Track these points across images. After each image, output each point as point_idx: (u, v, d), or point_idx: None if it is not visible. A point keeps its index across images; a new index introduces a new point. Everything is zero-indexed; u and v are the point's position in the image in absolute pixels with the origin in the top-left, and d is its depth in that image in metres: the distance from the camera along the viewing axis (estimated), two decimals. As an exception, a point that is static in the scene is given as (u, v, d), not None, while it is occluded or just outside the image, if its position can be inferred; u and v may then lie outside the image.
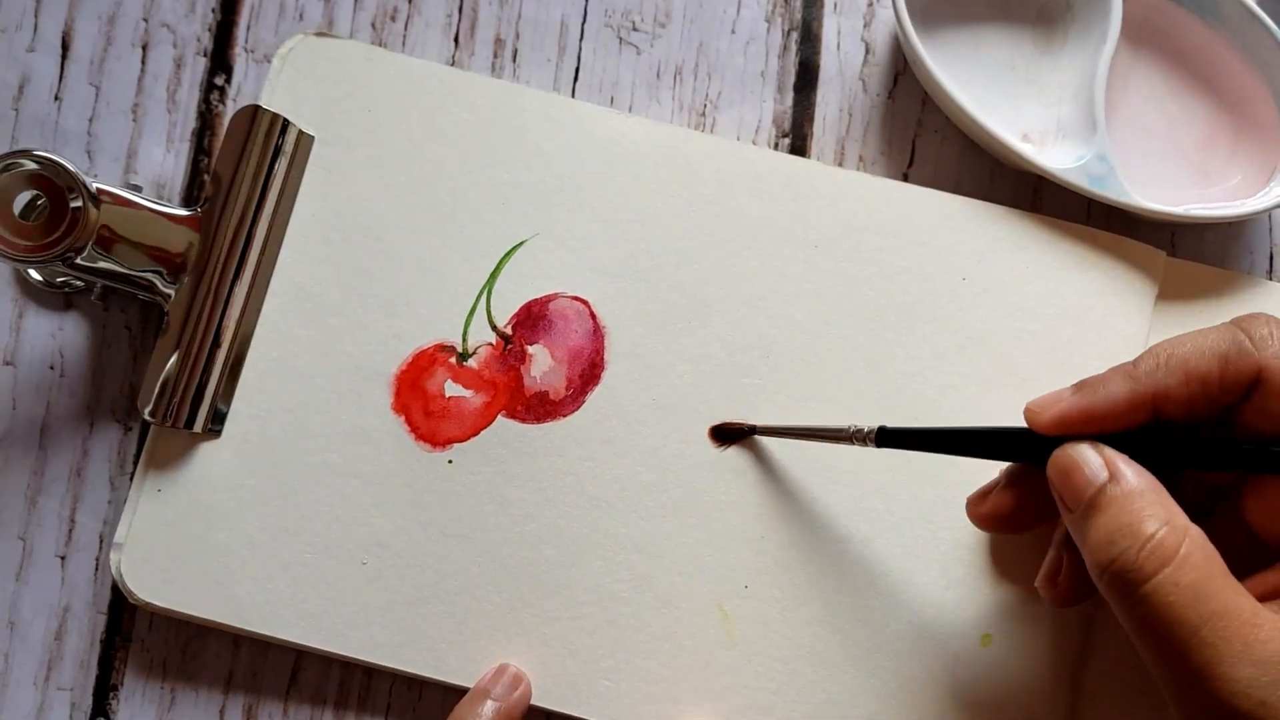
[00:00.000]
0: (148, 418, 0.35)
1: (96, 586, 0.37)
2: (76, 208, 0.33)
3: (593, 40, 0.40)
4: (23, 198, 0.34)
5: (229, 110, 0.40)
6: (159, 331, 0.36)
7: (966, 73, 0.40)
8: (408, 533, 0.36)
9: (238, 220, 0.36)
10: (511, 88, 0.39)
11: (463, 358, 0.37)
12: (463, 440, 0.36)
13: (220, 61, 0.40)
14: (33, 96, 0.39)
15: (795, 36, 0.41)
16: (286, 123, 0.37)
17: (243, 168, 0.37)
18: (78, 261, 0.34)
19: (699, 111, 0.40)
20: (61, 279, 0.38)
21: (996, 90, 0.40)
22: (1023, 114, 0.39)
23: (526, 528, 0.36)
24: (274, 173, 0.37)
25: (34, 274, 0.38)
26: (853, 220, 0.38)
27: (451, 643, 0.35)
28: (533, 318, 0.37)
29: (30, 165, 0.33)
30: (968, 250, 0.38)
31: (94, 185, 0.34)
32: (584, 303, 0.37)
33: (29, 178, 0.33)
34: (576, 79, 0.40)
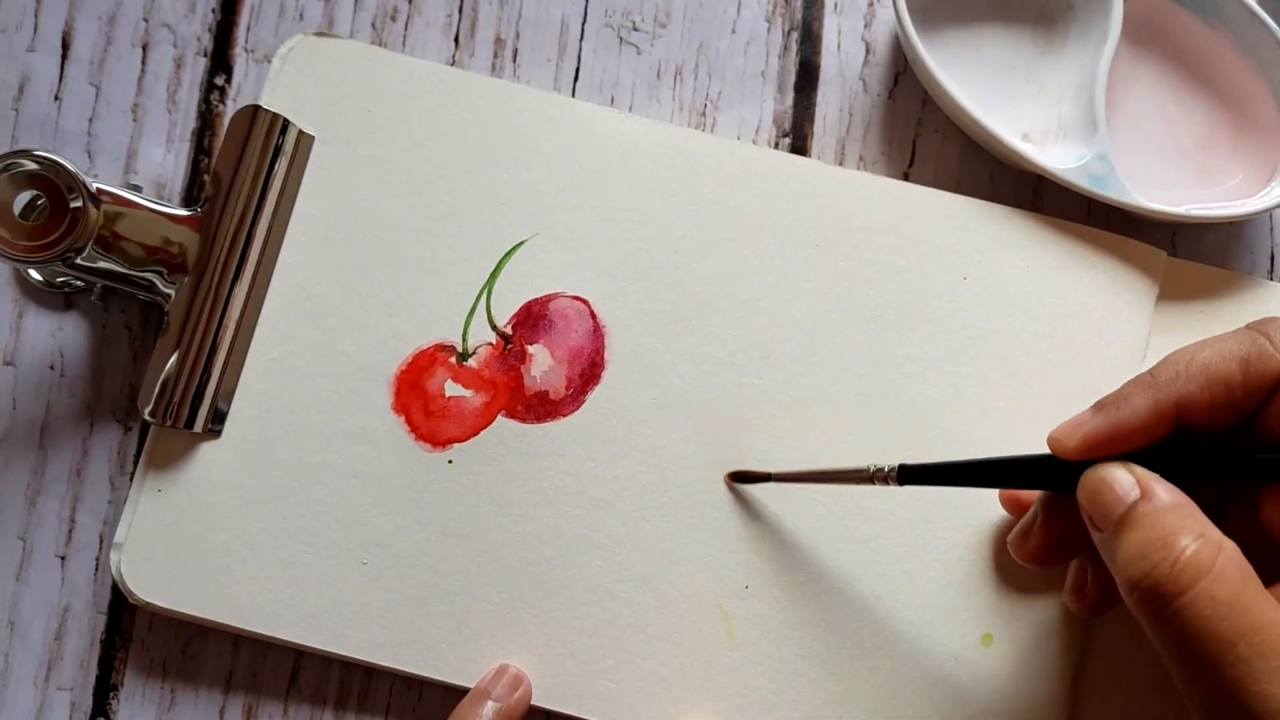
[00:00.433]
0: (148, 418, 0.35)
1: (96, 586, 0.37)
2: (76, 208, 0.33)
3: (593, 40, 0.40)
4: (23, 198, 0.34)
5: (229, 110, 0.40)
6: (159, 331, 0.36)
7: (967, 72, 0.39)
8: (408, 533, 0.36)
9: (238, 220, 0.36)
10: (511, 87, 0.39)
11: (463, 357, 0.37)
12: (463, 440, 0.36)
13: (220, 61, 0.40)
14: (33, 96, 0.39)
15: (795, 36, 0.41)
16: (286, 123, 0.37)
17: (243, 168, 0.37)
18: (78, 261, 0.34)
19: (699, 111, 0.40)
20: (61, 279, 0.38)
21: (997, 90, 0.40)
22: (1023, 114, 0.39)
23: (526, 528, 0.36)
24: (274, 173, 0.37)
25: (34, 274, 0.38)
26: (853, 220, 0.38)
27: (451, 643, 0.35)
28: (533, 317, 0.37)
29: (30, 165, 0.33)
30: (968, 250, 0.38)
31: (94, 185, 0.34)
32: (584, 302, 0.37)
33: (29, 178, 0.33)
34: (577, 79, 0.40)
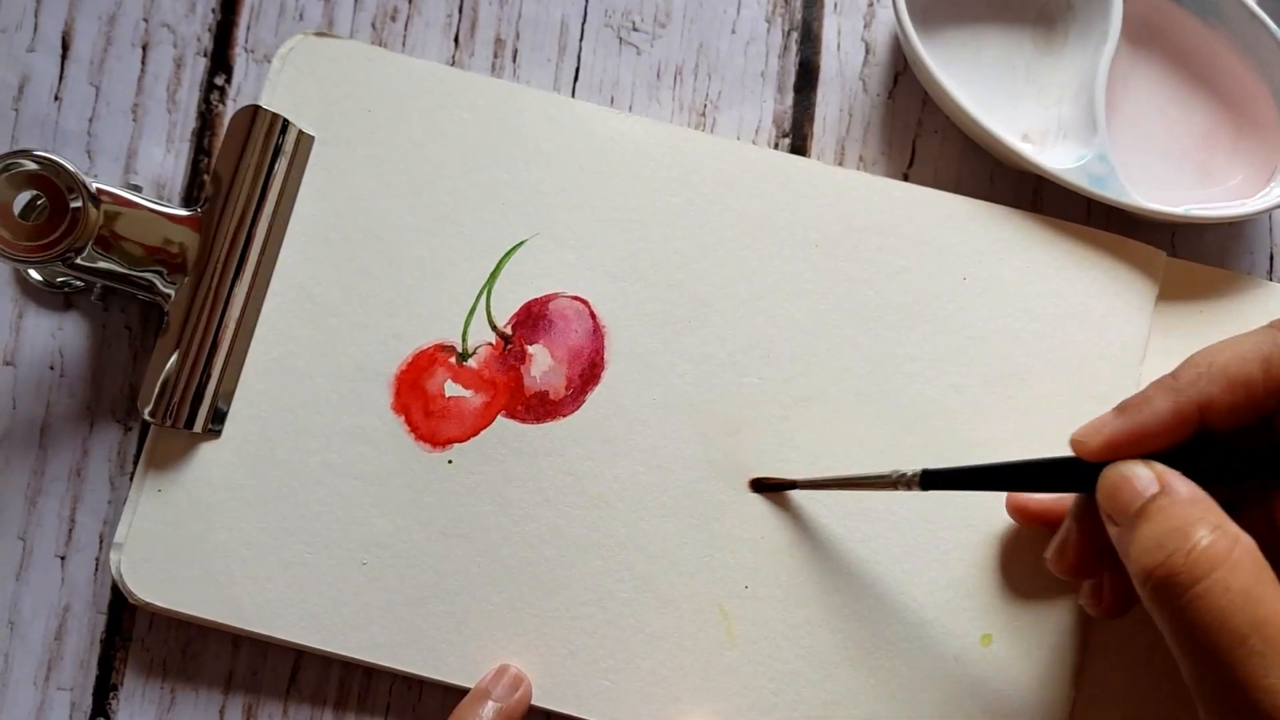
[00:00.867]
0: (148, 418, 0.35)
1: (96, 586, 0.37)
2: (76, 208, 0.33)
3: (593, 40, 0.40)
4: (23, 198, 0.34)
5: (229, 110, 0.40)
6: (159, 331, 0.36)
7: (967, 73, 0.39)
8: (408, 533, 0.36)
9: (238, 220, 0.36)
10: (511, 88, 0.39)
11: (463, 358, 0.37)
12: (463, 440, 0.36)
13: (220, 61, 0.40)
14: (33, 96, 0.39)
15: (795, 36, 0.41)
16: (286, 123, 0.37)
17: (243, 168, 0.37)
18: (78, 261, 0.34)
19: (699, 111, 0.40)
20: (61, 279, 0.38)
21: (997, 90, 0.40)
22: (1023, 114, 0.39)
23: (526, 528, 0.36)
24: (274, 173, 0.37)
25: (34, 274, 0.38)
26: (853, 220, 0.38)
27: (451, 643, 0.35)
28: (533, 317, 0.37)
29: (30, 165, 0.33)
30: (968, 250, 0.38)
31: (94, 185, 0.34)
32: (584, 302, 0.37)
33: (29, 178, 0.33)
34: (576, 79, 0.40)
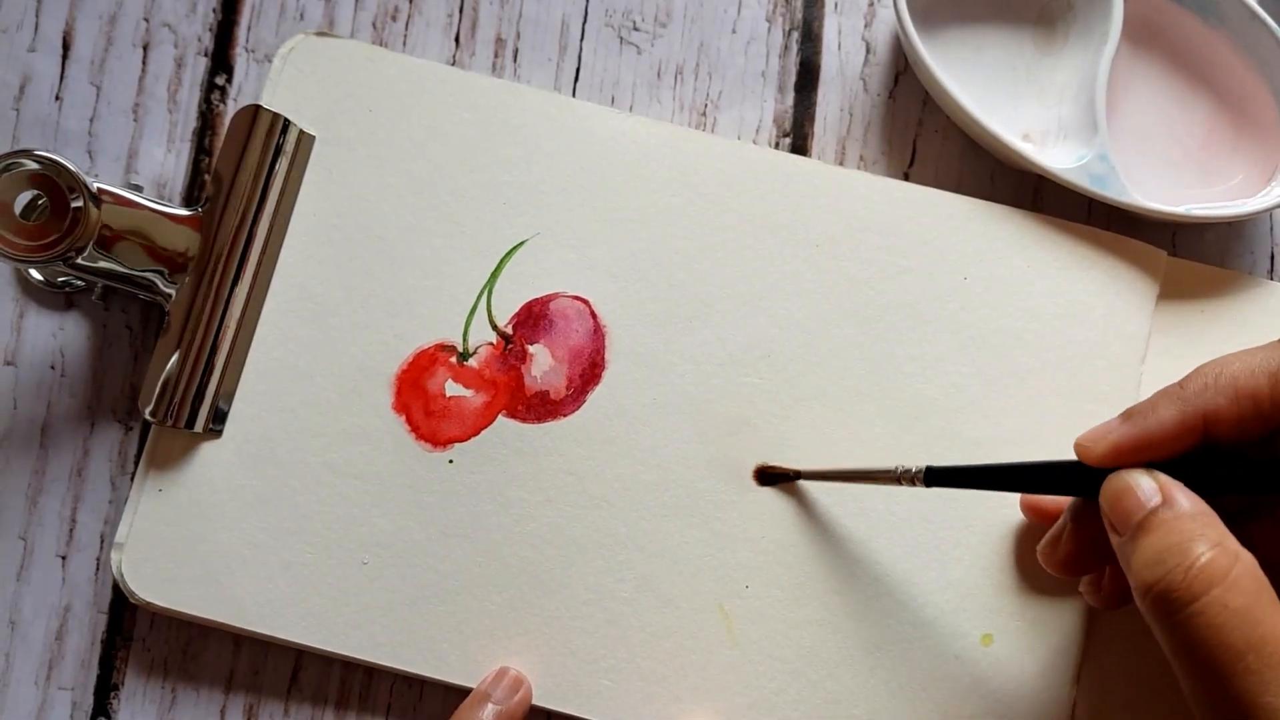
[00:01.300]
0: (148, 417, 0.35)
1: (97, 586, 0.37)
2: (77, 208, 0.33)
3: (593, 40, 0.40)
4: (23, 198, 0.34)
5: (230, 110, 0.40)
6: (160, 331, 0.36)
7: (967, 73, 0.39)
8: (408, 532, 0.36)
9: (238, 220, 0.36)
10: (512, 87, 0.39)
11: (463, 357, 0.37)
12: (463, 440, 0.36)
13: (221, 61, 0.40)
14: (33, 96, 0.39)
15: (796, 36, 0.41)
16: (287, 122, 0.37)
17: (243, 167, 0.37)
18: (78, 261, 0.34)
19: (700, 111, 0.40)
20: (62, 279, 0.38)
21: (997, 90, 0.40)
22: (1023, 114, 0.39)
23: (527, 527, 0.36)
24: (275, 172, 0.37)
25: (35, 274, 0.38)
26: (854, 220, 0.38)
27: (452, 642, 0.35)
28: (533, 317, 0.37)
29: (31, 165, 0.33)
30: (969, 250, 0.38)
31: (95, 185, 0.34)
32: (585, 302, 0.37)
33: (30, 178, 0.33)
34: (577, 79, 0.40)
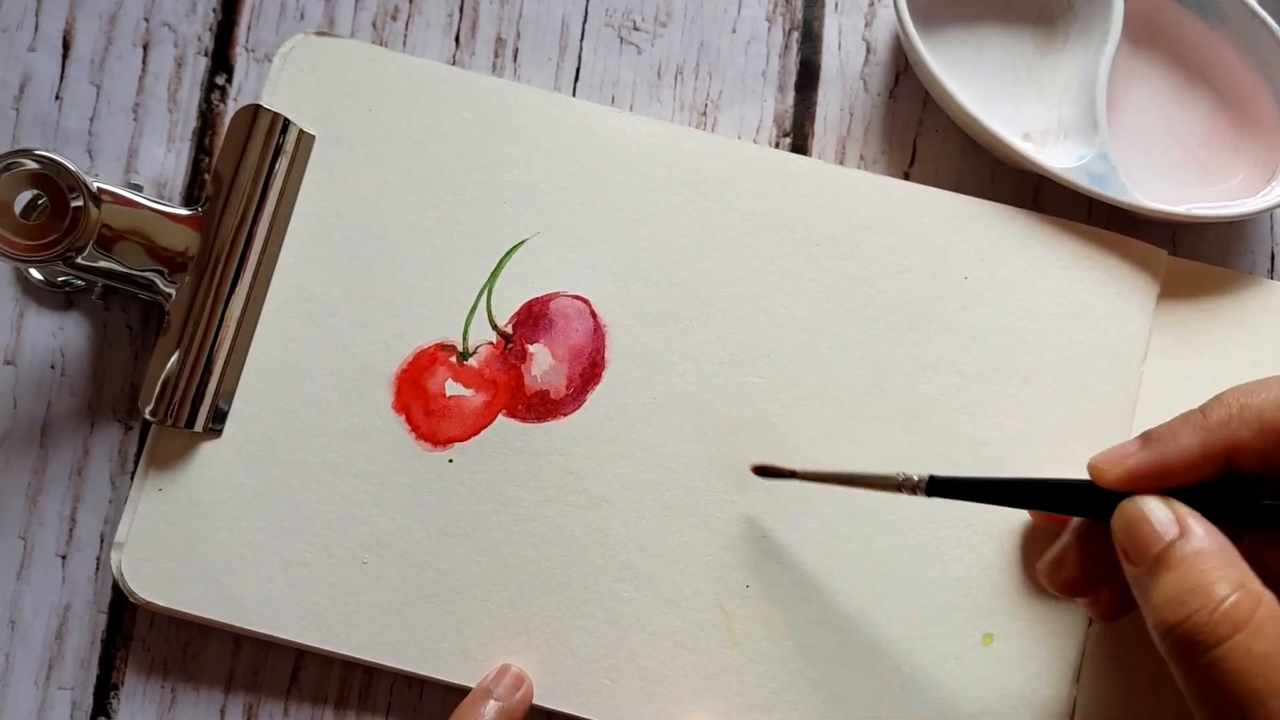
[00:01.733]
0: (148, 417, 0.35)
1: (97, 586, 0.37)
2: (77, 207, 0.33)
3: (593, 39, 0.40)
4: (23, 197, 0.34)
5: (230, 109, 0.40)
6: (160, 331, 0.36)
7: (968, 72, 0.39)
8: (408, 532, 0.36)
9: (238, 220, 0.36)
10: (512, 87, 0.39)
11: (463, 357, 0.37)
12: (463, 439, 0.36)
13: (221, 61, 0.40)
14: (33, 96, 0.39)
15: (796, 36, 0.41)
16: (287, 122, 0.37)
17: (243, 167, 0.37)
18: (78, 261, 0.34)
19: (700, 111, 0.40)
20: (62, 278, 0.38)
21: (998, 90, 0.40)
22: (1024, 113, 0.39)
23: (527, 527, 0.36)
24: (275, 172, 0.37)
25: (35, 273, 0.38)
26: (854, 219, 0.38)
27: (452, 642, 0.35)
28: (533, 316, 0.37)
29: (31, 165, 0.33)
30: (969, 249, 0.38)
31: (95, 185, 0.34)
32: (585, 301, 0.37)
33: (30, 177, 0.33)
34: (577, 78, 0.40)
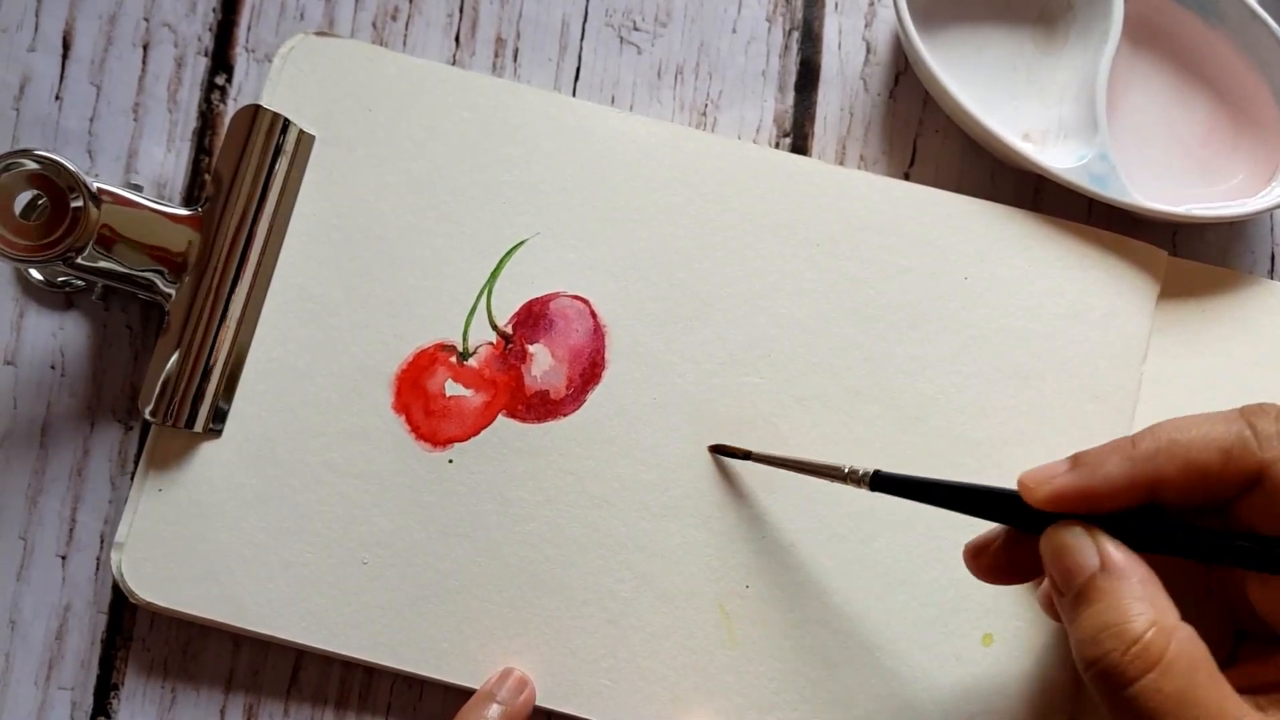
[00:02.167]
0: (148, 417, 0.35)
1: (97, 586, 0.37)
2: (77, 207, 0.33)
3: (593, 40, 0.40)
4: (23, 197, 0.34)
5: (230, 110, 0.40)
6: (160, 331, 0.36)
7: (968, 72, 0.39)
8: (408, 532, 0.36)
9: (238, 220, 0.36)
10: (512, 87, 0.39)
11: (463, 357, 0.37)
12: (463, 440, 0.36)
13: (221, 61, 0.40)
14: (33, 96, 0.39)
15: (796, 36, 0.41)
16: (287, 122, 0.37)
17: (243, 167, 0.37)
18: (78, 261, 0.34)
19: (700, 111, 0.40)
20: (62, 278, 0.38)
21: (998, 90, 0.40)
22: (1024, 113, 0.39)
23: (527, 527, 0.36)
24: (275, 172, 0.37)
25: (35, 273, 0.38)
26: (854, 219, 0.38)
27: (452, 642, 0.35)
28: (533, 317, 0.37)
29: (31, 165, 0.33)
30: (970, 249, 0.38)
31: (95, 185, 0.34)
32: (585, 302, 0.37)
33: (30, 177, 0.33)
34: (577, 78, 0.40)
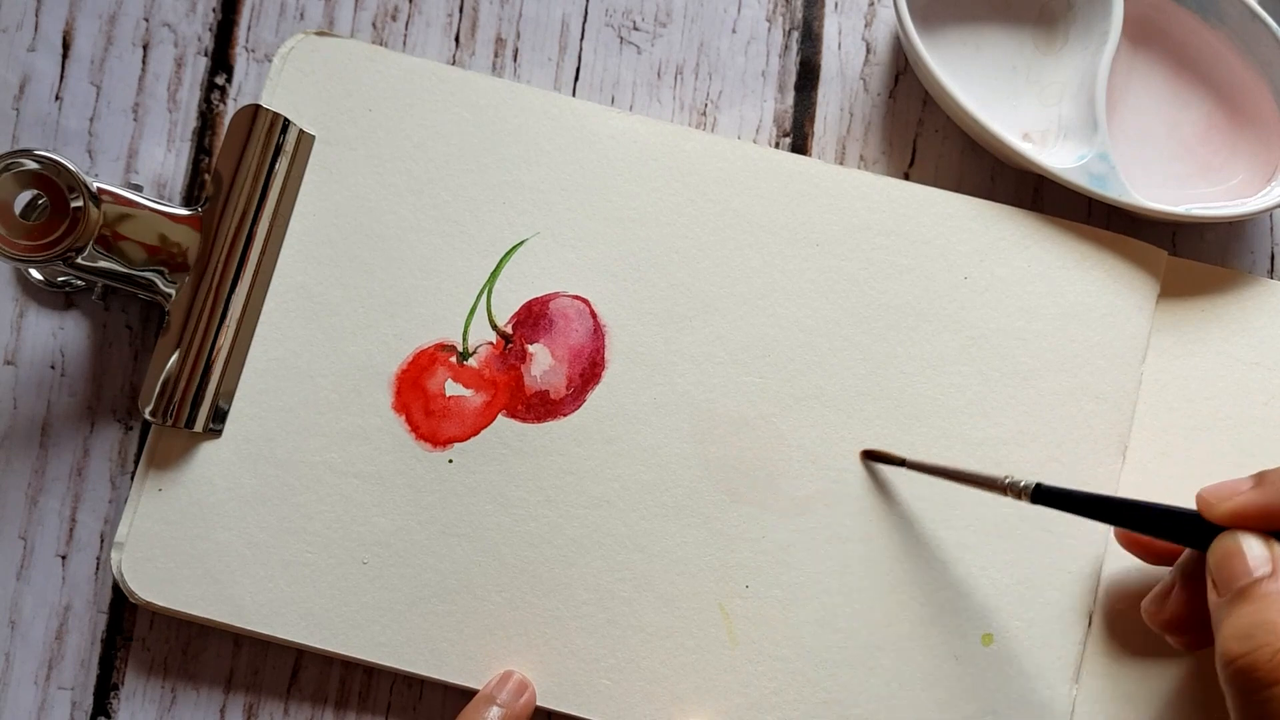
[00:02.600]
0: (148, 417, 0.35)
1: (97, 586, 0.37)
2: (77, 207, 0.33)
3: (593, 40, 0.40)
4: (23, 197, 0.34)
5: (230, 109, 0.40)
6: (160, 331, 0.36)
7: (967, 72, 0.39)
8: (408, 532, 0.36)
9: (238, 220, 0.36)
10: (512, 87, 0.39)
11: (463, 357, 0.37)
12: (463, 439, 0.36)
13: (221, 61, 0.40)
14: (33, 96, 0.39)
15: (796, 36, 0.41)
16: (287, 122, 0.37)
17: (243, 167, 0.37)
18: (78, 261, 0.34)
19: (700, 111, 0.40)
20: (62, 278, 0.38)
21: (997, 90, 0.40)
22: (1023, 113, 0.39)
23: (527, 527, 0.36)
24: (275, 172, 0.37)
25: (35, 273, 0.38)
26: (854, 219, 0.38)
27: (452, 642, 0.35)
28: (533, 317, 0.37)
29: (31, 165, 0.33)
30: (969, 249, 0.38)
31: (95, 185, 0.34)
32: (584, 302, 0.37)
33: (30, 177, 0.33)
34: (577, 78, 0.40)
